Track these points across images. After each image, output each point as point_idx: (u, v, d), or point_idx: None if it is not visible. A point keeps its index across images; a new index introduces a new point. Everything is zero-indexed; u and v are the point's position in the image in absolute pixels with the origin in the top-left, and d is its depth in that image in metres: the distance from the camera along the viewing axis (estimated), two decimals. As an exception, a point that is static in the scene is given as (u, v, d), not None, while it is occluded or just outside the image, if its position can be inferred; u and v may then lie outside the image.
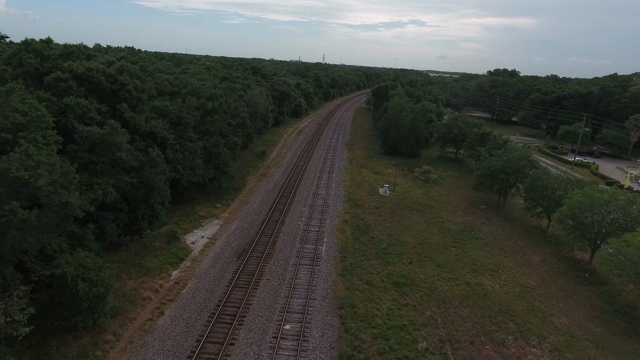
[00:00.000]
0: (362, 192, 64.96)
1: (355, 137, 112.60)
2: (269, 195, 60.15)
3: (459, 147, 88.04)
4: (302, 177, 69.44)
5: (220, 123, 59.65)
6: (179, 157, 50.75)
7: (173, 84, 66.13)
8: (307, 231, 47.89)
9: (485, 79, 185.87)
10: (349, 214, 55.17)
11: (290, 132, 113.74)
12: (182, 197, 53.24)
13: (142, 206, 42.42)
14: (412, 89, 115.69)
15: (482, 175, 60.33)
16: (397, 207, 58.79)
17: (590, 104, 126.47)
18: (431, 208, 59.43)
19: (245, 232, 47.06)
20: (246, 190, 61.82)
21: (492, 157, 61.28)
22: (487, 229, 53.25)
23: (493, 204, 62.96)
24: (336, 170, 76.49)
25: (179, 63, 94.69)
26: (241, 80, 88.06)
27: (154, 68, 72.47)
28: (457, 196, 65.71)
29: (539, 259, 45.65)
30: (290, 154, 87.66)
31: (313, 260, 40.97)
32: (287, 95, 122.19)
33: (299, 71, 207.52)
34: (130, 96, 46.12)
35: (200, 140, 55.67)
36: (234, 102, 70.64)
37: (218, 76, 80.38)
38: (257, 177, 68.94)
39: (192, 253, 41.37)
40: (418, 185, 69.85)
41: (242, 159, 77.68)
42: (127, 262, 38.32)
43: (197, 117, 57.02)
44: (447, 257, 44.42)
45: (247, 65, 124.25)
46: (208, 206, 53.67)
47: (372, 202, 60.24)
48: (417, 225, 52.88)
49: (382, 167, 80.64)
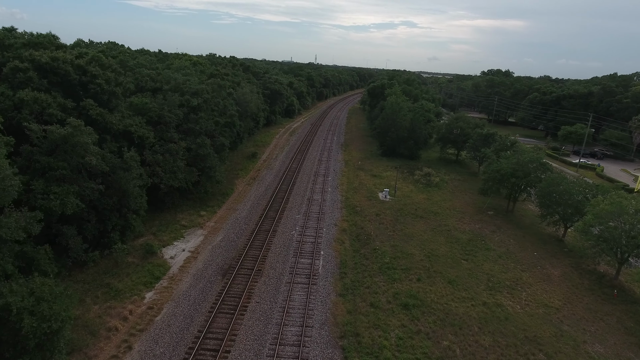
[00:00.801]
0: (360, 197, 60.15)
1: (350, 138, 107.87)
2: (260, 201, 55.04)
3: (461, 148, 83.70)
4: (295, 181, 64.45)
5: (206, 122, 54.46)
6: (158, 160, 45.52)
7: (155, 79, 60.88)
8: (302, 242, 42.93)
9: (482, 79, 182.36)
10: (348, 221, 50.32)
11: (283, 132, 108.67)
12: (162, 204, 47.99)
13: (114, 216, 37.15)
14: (409, 87, 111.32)
15: (490, 179, 55.89)
16: (399, 214, 54.08)
17: (591, 104, 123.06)
18: (436, 215, 54.80)
19: (232, 244, 41.93)
20: (234, 196, 56.64)
21: (501, 160, 56.87)
22: (498, 238, 48.73)
23: (501, 209, 58.53)
24: (332, 173, 71.62)
25: (165, 59, 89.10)
26: (230, 78, 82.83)
27: (135, 63, 66.98)
28: (462, 201, 61.20)
29: (559, 273, 41.18)
30: (283, 155, 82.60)
31: (309, 278, 36.00)
32: (279, 94, 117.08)
33: (292, 70, 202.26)
34: (102, 90, 40.80)
35: (183, 141, 50.49)
36: (222, 100, 65.50)
37: (205, 72, 75.02)
38: (246, 181, 63.78)
39: (170, 270, 36.15)
40: (420, 189, 65.23)
41: (230, 160, 72.45)
42: (94, 282, 33.01)
43: (180, 115, 51.83)
44: (459, 271, 39.75)
45: (237, 62, 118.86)
46: (191, 214, 48.43)
47: (371, 208, 55.45)
48: (422, 234, 48.19)
49: (380, 169, 75.94)
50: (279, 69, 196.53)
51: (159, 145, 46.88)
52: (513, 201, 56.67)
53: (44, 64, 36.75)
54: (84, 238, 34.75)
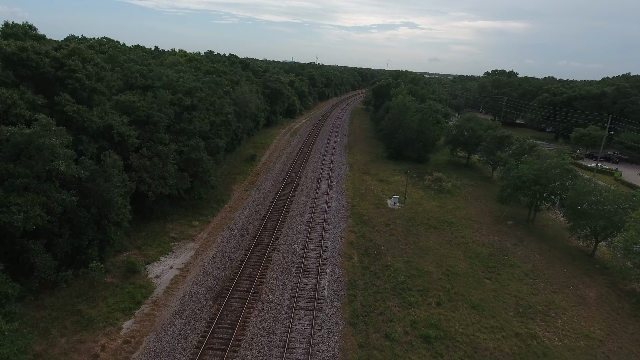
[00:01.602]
0: (367, 204, 55.49)
1: (354, 140, 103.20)
2: (258, 209, 50.38)
3: (472, 151, 79.02)
4: (297, 186, 59.80)
5: (201, 122, 49.79)
6: (145, 164, 40.89)
7: (146, 76, 56.19)
8: (305, 258, 38.27)
9: (488, 79, 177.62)
10: (355, 233, 45.69)
11: (284, 133, 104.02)
12: (150, 213, 43.37)
13: (91, 229, 32.47)
14: (415, 87, 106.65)
15: (510, 186, 51.20)
16: (411, 224, 49.42)
17: (604, 106, 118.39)
18: (450, 225, 50.13)
19: (226, 260, 37.27)
20: (231, 203, 51.97)
21: (521, 165, 52.20)
22: (521, 253, 44.07)
23: (521, 219, 53.85)
24: (336, 177, 66.96)
25: (160, 56, 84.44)
26: (228, 76, 78.19)
27: (126, 58, 62.35)
28: (478, 209, 56.52)
29: (595, 295, 36.51)
30: (284, 158, 77.95)
31: (313, 302, 31.35)
32: (280, 93, 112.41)
33: (293, 69, 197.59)
34: (82, 86, 36.17)
35: (174, 143, 45.87)
36: (218, 99, 60.84)
37: (201, 69, 70.38)
38: (244, 186, 59.10)
39: (154, 292, 31.49)
40: (431, 196, 60.56)
41: (228, 163, 67.86)
42: (64, 309, 28.38)
43: (172, 115, 47.18)
44: (483, 293, 35.09)
45: (237, 60, 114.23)
46: (182, 224, 43.79)
47: (380, 217, 50.80)
48: (437, 247, 43.55)
49: (387, 173, 71.27)
50: (280, 68, 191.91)
51: (146, 148, 42.25)
52: (534, 210, 51.97)
53: (11, 54, 32.13)
54: (54, 255, 30.13)
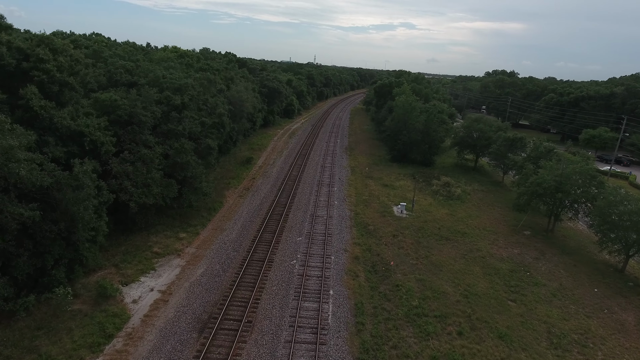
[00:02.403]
0: (372, 212, 51.13)
1: (355, 141, 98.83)
2: (253, 218, 45.91)
3: (480, 154, 74.80)
4: (296, 192, 55.35)
5: (191, 122, 45.27)
6: (127, 170, 36.38)
7: (133, 72, 51.78)
8: (305, 277, 33.83)
9: (491, 79, 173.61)
10: (360, 245, 41.31)
11: (281, 134, 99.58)
12: (132, 224, 38.86)
13: (58, 246, 28.00)
14: (418, 86, 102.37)
15: (529, 193, 46.92)
16: (421, 235, 45.09)
17: (613, 106, 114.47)
18: (464, 235, 45.82)
19: (216, 280, 32.79)
20: (223, 211, 47.47)
21: (541, 170, 47.95)
22: (545, 268, 39.79)
23: (539, 229, 49.59)
24: (337, 182, 62.56)
25: (150, 52, 79.81)
26: (223, 73, 73.70)
27: (111, 54, 57.86)
28: (491, 217, 52.23)
29: (635, 320, 32.25)
30: (281, 160, 73.51)
31: (316, 334, 26.92)
32: (278, 92, 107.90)
33: (291, 68, 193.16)
34: (51, 79, 31.66)
35: (160, 145, 41.36)
36: (211, 98, 56.35)
37: (193, 66, 65.80)
38: (239, 192, 54.60)
39: (130, 322, 26.98)
40: (440, 203, 56.23)
41: (221, 167, 63.38)
42: (20, 345, 23.87)
43: (158, 114, 42.67)
44: (509, 319, 30.76)
45: (233, 58, 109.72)
46: (168, 236, 39.27)
47: (387, 227, 46.44)
48: (452, 262, 39.21)
49: (391, 177, 66.92)
50: (278, 67, 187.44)
51: (129, 152, 37.75)
52: (554, 219, 47.70)
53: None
54: (12, 279, 25.72)
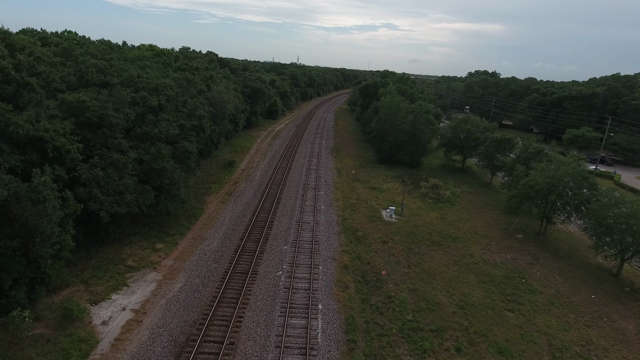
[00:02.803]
0: (360, 216, 49.23)
1: (340, 142, 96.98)
2: (236, 225, 43.47)
3: (468, 155, 73.80)
4: (280, 197, 53.07)
5: (168, 125, 42.56)
6: (97, 176, 33.59)
7: (105, 71, 48.87)
8: (292, 290, 31.65)
9: (475, 80, 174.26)
10: (349, 253, 39.33)
11: (265, 135, 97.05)
12: (105, 234, 36.05)
13: (17, 264, 25.21)
14: (404, 86, 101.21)
15: (520, 196, 45.72)
16: (412, 240, 43.38)
17: (595, 106, 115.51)
18: (455, 240, 44.31)
19: (195, 296, 30.34)
20: (204, 219, 44.89)
21: (531, 172, 46.83)
22: (539, 274, 38.50)
23: (530, 232, 48.48)
24: (323, 185, 60.51)
25: (125, 52, 76.32)
26: (203, 72, 70.87)
27: (82, 51, 54.59)
28: (482, 221, 50.93)
29: (635, 328, 31.08)
30: (265, 163, 71.07)
31: (305, 355, 24.76)
32: (261, 93, 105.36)
33: (274, 68, 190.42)
34: (6, 78, 28.76)
35: (134, 150, 38.60)
36: (191, 99, 53.64)
37: (171, 65, 62.83)
38: (220, 198, 52.00)
39: (98, 347, 24.34)
40: (429, 206, 54.70)
41: (202, 170, 60.65)
42: (-31, 379, 21.09)
43: (132, 116, 39.91)
44: (507, 331, 29.19)
45: (215, 57, 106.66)
46: (144, 247, 36.56)
47: (376, 233, 44.60)
48: (445, 270, 37.57)
49: (379, 180, 65.19)
50: (261, 67, 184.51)
51: (99, 157, 34.94)
52: (546, 222, 46.62)
53: None
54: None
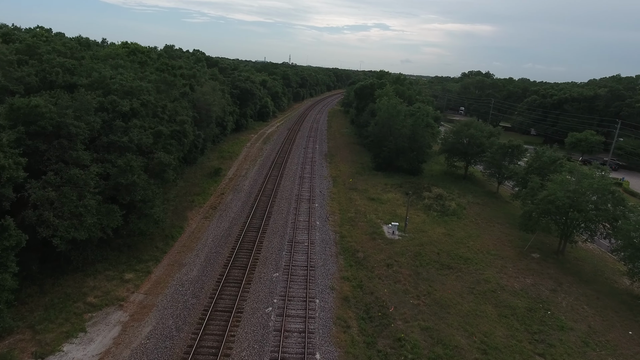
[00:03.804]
0: (360, 233, 44.33)
1: (335, 146, 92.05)
2: (221, 247, 38.25)
3: (472, 161, 69.28)
4: (271, 211, 47.95)
5: (140, 132, 37.13)
6: (50, 197, 28.22)
7: (74, 71, 43.38)
8: (285, 333, 26.58)
9: (471, 81, 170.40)
10: (349, 280, 34.39)
11: (255, 139, 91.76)
12: (66, 262, 30.70)
13: None
14: (401, 87, 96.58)
15: (538, 212, 41.13)
16: (419, 262, 38.56)
17: (597, 108, 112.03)
18: (467, 262, 39.58)
19: (167, 344, 25.11)
20: (184, 239, 39.58)
21: (549, 185, 42.24)
22: (566, 304, 33.89)
23: (547, 250, 43.97)
24: (318, 196, 55.49)
25: (98, 49, 70.36)
26: (186, 72, 65.40)
27: (49, 49, 48.91)
28: (493, 237, 46.30)
29: (687, 375, 26.57)
30: (255, 170, 65.84)
31: None
32: (251, 94, 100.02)
33: (265, 68, 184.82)
34: None
35: (99, 163, 33.18)
36: (171, 102, 48.22)
37: (150, 65, 57.22)
38: (204, 212, 46.70)
39: None
40: (434, 220, 49.94)
41: (186, 180, 55.30)
42: None
43: (97, 124, 34.47)
44: (542, 385, 24.45)
45: (202, 56, 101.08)
46: (111, 278, 31.22)
47: (379, 254, 39.72)
48: (459, 300, 32.79)
49: (377, 189, 60.33)
50: (252, 67, 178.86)
51: (54, 173, 29.55)
52: (570, 241, 42.00)
53: None
54: None
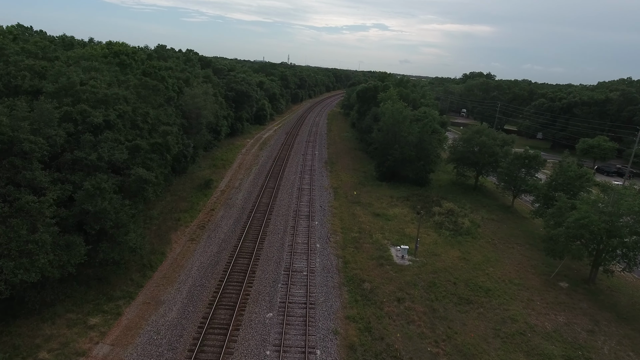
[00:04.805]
0: (365, 258, 39.42)
1: (335, 152, 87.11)
2: (207, 278, 33.22)
3: (484, 171, 64.41)
4: (266, 230, 42.98)
5: (113, 147, 32.06)
6: (-4, 231, 23.20)
7: (46, 75, 38.43)
8: (278, 401, 21.64)
9: (475, 82, 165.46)
10: (355, 321, 29.48)
11: (251, 144, 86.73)
12: (19, 305, 25.70)
13: None
14: (405, 90, 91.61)
15: (569, 236, 36.25)
16: (434, 296, 33.66)
17: (608, 113, 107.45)
18: (488, 294, 34.70)
19: (130, 420, 20.17)
20: (164, 268, 34.52)
21: (580, 206, 37.37)
22: (607, 350, 29.06)
23: (576, 277, 39.17)
24: (318, 211, 50.54)
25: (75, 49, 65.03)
26: (176, 74, 60.33)
27: (18, 49, 43.82)
28: (514, 262, 41.43)
29: None
30: (249, 181, 60.84)
31: None
32: (247, 96, 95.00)
33: (263, 69, 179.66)
34: None
35: (58, 184, 28.15)
36: (154, 109, 43.18)
37: (134, 68, 52.00)
38: (190, 233, 41.64)
39: None
40: (447, 240, 45.05)
41: (174, 193, 50.31)
42: None
43: (60, 138, 29.46)
44: None
45: (195, 56, 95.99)
46: (72, 323, 26.18)
47: (388, 284, 34.81)
48: (485, 347, 27.91)
49: (382, 203, 55.39)
50: (249, 67, 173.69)
51: (1, 200, 24.54)
52: (607, 272, 37.03)
53: None
54: None
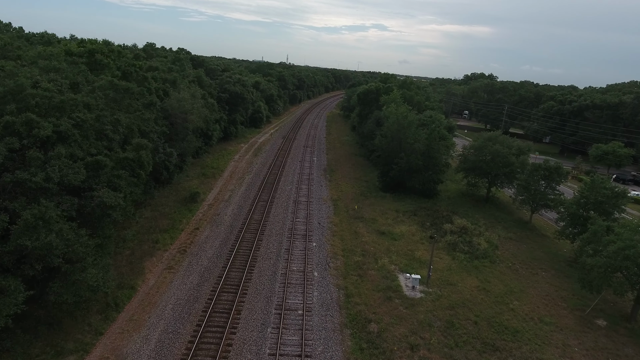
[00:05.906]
0: (370, 289, 34.02)
1: (335, 158, 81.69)
2: (182, 321, 27.68)
3: (497, 182, 59.05)
4: (256, 255, 37.51)
5: (67, 165, 26.52)
6: None
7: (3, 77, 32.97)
8: None
9: (479, 84, 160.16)
10: (360, 380, 24.05)
11: (245, 150, 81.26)
12: None
13: None
14: (409, 93, 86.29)
15: (610, 268, 30.93)
16: (453, 341, 28.27)
17: (622, 117, 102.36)
18: (516, 337, 29.32)
19: None
20: (133, 307, 28.95)
21: (620, 230, 32.06)
22: (670, 417, 23.70)
23: (613, 312, 33.85)
24: (316, 229, 45.14)
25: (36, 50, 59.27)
26: (162, 74, 54.79)
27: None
28: (540, 292, 36.06)
29: None
30: (240, 193, 55.36)
31: None
32: (242, 98, 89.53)
33: (260, 69, 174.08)
34: None
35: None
36: (128, 116, 37.63)
37: (109, 66, 46.26)
38: (169, 259, 36.07)
39: None
40: (462, 265, 39.62)
41: (154, 209, 44.92)
42: None
43: (0, 157, 23.95)
44: None
45: (186, 55, 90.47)
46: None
47: (397, 325, 29.41)
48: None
49: (388, 219, 49.96)
50: (246, 67, 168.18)
51: None
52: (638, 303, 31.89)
53: None
54: None
